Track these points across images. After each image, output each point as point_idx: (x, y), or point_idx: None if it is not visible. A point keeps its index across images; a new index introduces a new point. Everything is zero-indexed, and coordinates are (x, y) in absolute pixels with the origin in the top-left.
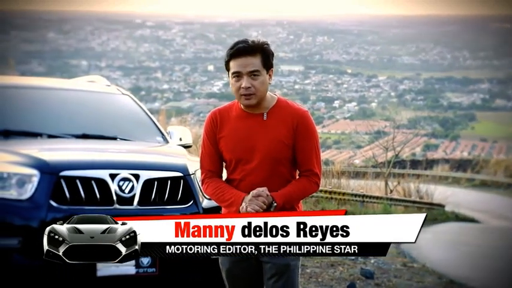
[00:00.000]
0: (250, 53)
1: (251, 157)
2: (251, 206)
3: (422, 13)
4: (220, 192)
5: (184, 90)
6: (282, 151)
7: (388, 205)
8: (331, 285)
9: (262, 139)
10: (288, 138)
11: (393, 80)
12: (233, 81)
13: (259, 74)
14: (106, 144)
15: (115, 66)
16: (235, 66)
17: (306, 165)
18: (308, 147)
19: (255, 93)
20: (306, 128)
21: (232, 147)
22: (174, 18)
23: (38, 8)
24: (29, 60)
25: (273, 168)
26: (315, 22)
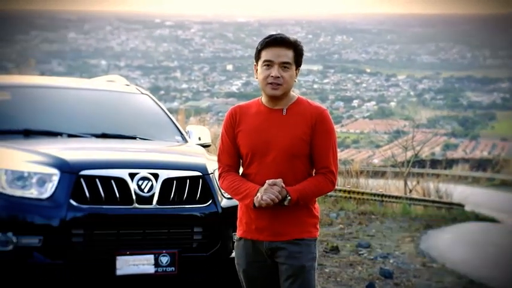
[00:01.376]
0: (286, 45)
1: (267, 151)
2: (266, 194)
3: (442, 12)
4: (236, 185)
5: (203, 90)
6: (299, 147)
7: (407, 205)
8: (350, 284)
9: (280, 134)
10: (305, 135)
11: (412, 79)
12: (262, 70)
13: (289, 67)
14: (125, 144)
15: (134, 65)
16: (267, 55)
17: (323, 163)
18: (325, 144)
19: (282, 84)
20: (324, 126)
21: (249, 140)
22: (193, 17)
23: (58, 8)
24: (49, 60)
25: (289, 163)
26: (334, 21)
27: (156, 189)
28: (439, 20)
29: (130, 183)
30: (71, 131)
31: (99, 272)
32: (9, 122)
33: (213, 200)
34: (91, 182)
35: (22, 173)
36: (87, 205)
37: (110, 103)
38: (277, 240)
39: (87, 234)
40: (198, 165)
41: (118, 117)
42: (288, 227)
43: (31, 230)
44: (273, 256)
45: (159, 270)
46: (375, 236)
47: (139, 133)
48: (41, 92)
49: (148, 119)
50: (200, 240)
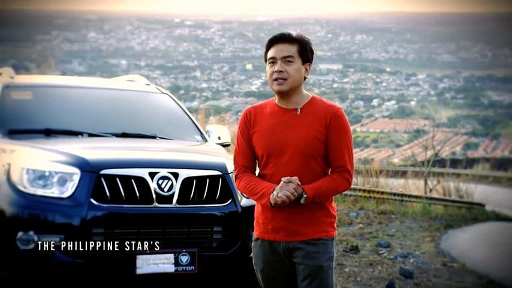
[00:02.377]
0: (288, 40)
1: (283, 151)
2: (282, 192)
3: (462, 10)
4: (252, 185)
5: (222, 89)
6: (314, 146)
7: (428, 204)
8: (370, 284)
9: (295, 134)
10: (320, 134)
11: (433, 78)
12: (268, 68)
13: (293, 61)
14: (145, 143)
15: (154, 65)
16: (271, 53)
17: (338, 162)
18: (340, 143)
19: (287, 79)
20: (339, 124)
21: (264, 141)
22: (212, 17)
23: (79, 9)
24: (69, 60)
25: (304, 163)
26: (354, 20)
27: (176, 189)
28: (459, 18)
29: (150, 182)
30: (92, 131)
31: (120, 270)
32: (31, 121)
33: (233, 199)
34: (111, 181)
35: (43, 172)
36: (107, 204)
37: (130, 102)
38: (294, 240)
39: (108, 233)
40: (218, 165)
41: (138, 116)
42: (305, 227)
43: (52, 229)
44: (290, 256)
45: (179, 269)
46: (395, 236)
47: (159, 132)
48: (62, 92)
49: (168, 118)
50: (220, 240)
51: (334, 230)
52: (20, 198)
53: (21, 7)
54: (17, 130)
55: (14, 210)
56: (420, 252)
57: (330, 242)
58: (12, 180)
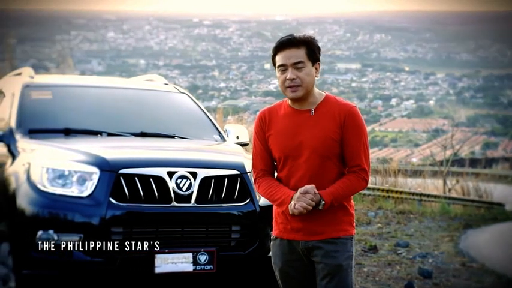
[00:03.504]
0: (294, 45)
1: (299, 153)
2: (299, 203)
3: (481, 9)
4: (271, 191)
5: (240, 89)
6: (330, 146)
7: (447, 204)
8: (389, 284)
9: (310, 135)
10: (335, 134)
11: (451, 77)
12: (279, 74)
13: (303, 66)
14: (164, 143)
15: (173, 65)
16: (280, 59)
17: (354, 161)
18: (356, 142)
19: (300, 85)
20: (354, 123)
21: (280, 144)
22: (231, 16)
23: (98, 9)
24: (88, 60)
25: (321, 164)
26: (372, 19)
27: (194, 188)
28: (478, 17)
29: (169, 181)
30: (111, 130)
31: (138, 269)
32: (50, 121)
33: (251, 198)
34: (130, 181)
35: (63, 171)
36: (126, 203)
37: (149, 102)
38: (313, 239)
39: (126, 232)
40: (236, 164)
41: (157, 116)
42: (324, 226)
43: (71, 228)
44: (309, 255)
45: (197, 268)
46: (414, 236)
47: (178, 132)
48: (81, 92)
49: (186, 117)
50: (238, 239)
51: (353, 228)
52: (40, 198)
53: (40, 7)
54: (37, 129)
55: (34, 209)
56: (439, 252)
57: (349, 241)
58: (32, 180)
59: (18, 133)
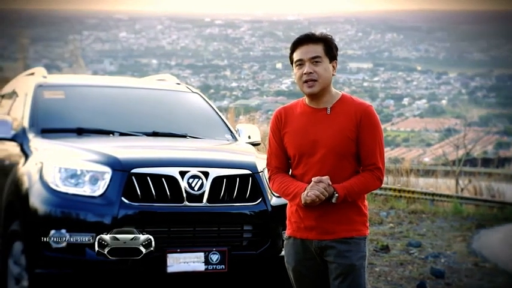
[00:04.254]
0: (312, 41)
1: (314, 151)
2: (311, 191)
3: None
4: (285, 186)
5: (252, 88)
6: (345, 145)
7: (459, 204)
8: (401, 284)
9: (326, 133)
10: (351, 132)
11: (464, 76)
12: (296, 70)
13: (321, 61)
14: (176, 142)
15: (184, 64)
16: (298, 55)
17: (369, 160)
18: (371, 141)
19: (317, 80)
20: (369, 122)
21: (296, 141)
22: (243, 16)
23: (110, 9)
24: (101, 59)
25: (336, 162)
26: (384, 19)
27: (206, 188)
28: (490, 16)
29: (180, 181)
30: (123, 130)
31: (151, 269)
32: (63, 120)
33: (263, 198)
34: (142, 180)
35: (75, 170)
36: (138, 203)
37: (161, 102)
38: (326, 239)
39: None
40: (248, 164)
41: (169, 115)
42: (337, 226)
43: (84, 227)
44: (322, 255)
45: (209, 268)
46: (426, 235)
47: (189, 131)
48: (94, 91)
49: (198, 117)
50: (250, 239)
51: (366, 229)
52: (53, 197)
53: (53, 7)
54: (50, 129)
55: (46, 208)
56: (451, 252)
57: (362, 241)
58: (45, 179)
59: (31, 133)
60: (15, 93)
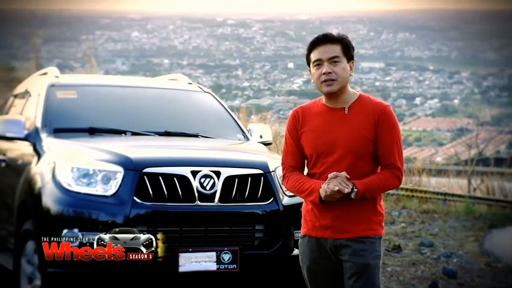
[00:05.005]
0: (330, 41)
1: (332, 151)
2: (330, 184)
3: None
4: (300, 183)
5: (264, 88)
6: (363, 145)
7: (471, 204)
8: (413, 284)
9: (344, 133)
10: (369, 132)
11: (476, 76)
12: (314, 70)
13: (339, 61)
14: (188, 142)
15: (196, 64)
16: (315, 55)
17: (388, 159)
18: (389, 141)
19: (336, 79)
20: (387, 122)
21: (313, 141)
22: (254, 16)
23: (122, 8)
24: (113, 59)
25: (353, 162)
26: (396, 18)
27: (218, 187)
28: (503, 15)
29: (192, 180)
30: (135, 129)
31: (162, 268)
32: (75, 120)
33: (275, 198)
34: (154, 180)
35: (87, 170)
36: (150, 202)
37: (173, 101)
38: (341, 238)
39: (150, 231)
40: (260, 163)
41: (181, 115)
42: (353, 225)
43: (96, 227)
44: (337, 253)
45: (221, 268)
46: (438, 235)
47: (201, 131)
48: (106, 91)
49: (210, 117)
50: (261, 238)
51: (382, 228)
52: (65, 196)
53: (66, 7)
54: (62, 129)
55: (59, 208)
56: (463, 252)
57: (378, 241)
58: (57, 179)
59: (44, 132)
60: (28, 93)
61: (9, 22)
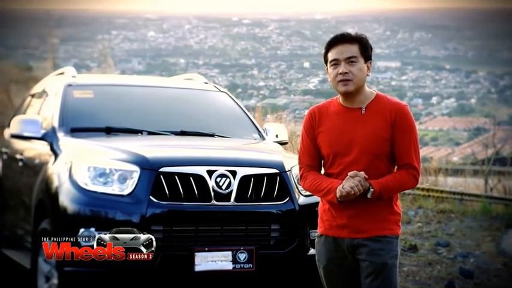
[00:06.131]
0: (348, 41)
1: (349, 151)
2: (347, 184)
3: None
4: (318, 182)
5: (280, 87)
6: (380, 145)
7: (488, 203)
8: (429, 284)
9: (361, 133)
10: (386, 132)
11: (493, 75)
12: (331, 70)
13: (356, 61)
14: (204, 141)
15: (212, 64)
16: (333, 54)
17: (405, 159)
18: (406, 141)
19: (352, 79)
20: (404, 122)
21: (330, 141)
22: (270, 15)
23: (139, 8)
24: (129, 59)
25: (370, 162)
26: (412, 17)
27: (233, 187)
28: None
29: (208, 180)
30: (151, 129)
31: (179, 267)
32: (92, 119)
33: (290, 197)
34: (170, 179)
35: (104, 169)
36: (166, 202)
37: (189, 101)
38: (358, 237)
39: (167, 230)
40: (276, 163)
41: (197, 114)
42: (370, 224)
43: (112, 226)
44: (354, 253)
45: (237, 267)
46: (454, 235)
47: (217, 130)
48: (122, 91)
49: (226, 116)
50: (277, 238)
51: (399, 228)
52: (82, 195)
53: (83, 7)
54: (79, 128)
55: (76, 207)
56: (480, 252)
57: (395, 240)
58: (74, 178)
59: (61, 132)
60: (45, 92)
61: (27, 22)
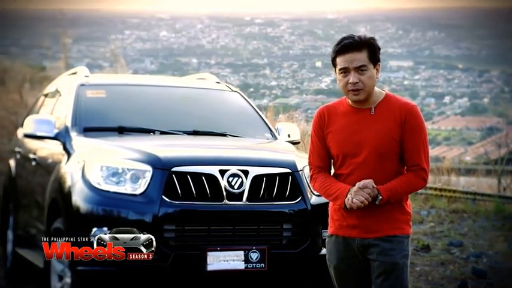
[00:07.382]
0: (357, 48)
1: (358, 151)
2: (356, 197)
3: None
4: (327, 186)
5: (292, 87)
6: (389, 145)
7: (501, 203)
8: (442, 284)
9: (370, 133)
10: (395, 133)
11: (506, 74)
12: (340, 77)
13: (366, 69)
14: (216, 141)
15: (224, 63)
16: (342, 62)
17: (413, 160)
18: (416, 141)
19: (362, 89)
20: (414, 122)
21: (339, 141)
22: (282, 15)
23: (151, 8)
24: (142, 59)
25: (380, 163)
26: (425, 16)
27: (246, 186)
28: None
29: (220, 179)
30: (163, 128)
31: (191, 266)
32: (105, 119)
33: (303, 197)
34: (183, 179)
35: (116, 169)
36: (178, 201)
37: (201, 101)
38: (369, 237)
39: (179, 230)
40: (288, 162)
41: (209, 114)
42: (380, 224)
43: (125, 225)
44: (365, 253)
45: (249, 266)
46: (467, 235)
47: (229, 130)
48: (135, 90)
49: (238, 116)
50: (289, 237)
51: (409, 227)
52: (95, 195)
53: (96, 7)
54: (91, 128)
55: (88, 206)
56: (493, 252)
57: (406, 240)
58: (87, 177)
59: (74, 131)
60: (58, 92)
61: (40, 22)
